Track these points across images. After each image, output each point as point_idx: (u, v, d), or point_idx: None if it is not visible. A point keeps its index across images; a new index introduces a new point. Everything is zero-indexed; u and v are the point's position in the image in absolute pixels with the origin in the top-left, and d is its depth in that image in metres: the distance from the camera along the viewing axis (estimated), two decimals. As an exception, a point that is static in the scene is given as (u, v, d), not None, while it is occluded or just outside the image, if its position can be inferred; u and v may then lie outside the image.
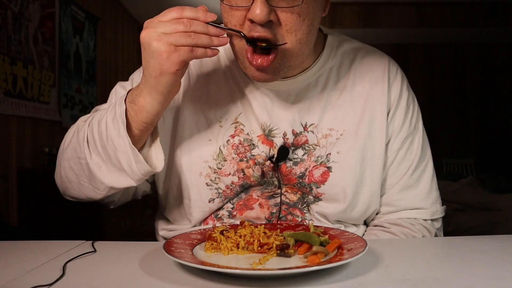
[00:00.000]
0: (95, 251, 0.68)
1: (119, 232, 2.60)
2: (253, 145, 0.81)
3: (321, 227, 0.71)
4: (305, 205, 0.82)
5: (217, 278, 0.53)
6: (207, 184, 0.82)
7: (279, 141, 0.81)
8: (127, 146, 0.71)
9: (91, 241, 0.73)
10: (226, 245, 0.62)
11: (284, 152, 0.80)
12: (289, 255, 0.60)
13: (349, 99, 0.83)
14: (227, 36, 0.71)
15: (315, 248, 0.58)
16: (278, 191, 0.82)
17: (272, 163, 0.80)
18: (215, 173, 0.81)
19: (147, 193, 0.91)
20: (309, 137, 0.81)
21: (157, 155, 0.76)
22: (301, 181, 0.80)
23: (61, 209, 2.35)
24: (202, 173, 0.81)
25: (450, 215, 2.39)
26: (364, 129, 0.82)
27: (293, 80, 0.81)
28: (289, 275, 0.53)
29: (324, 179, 0.80)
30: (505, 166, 4.78)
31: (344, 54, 0.86)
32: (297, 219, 0.82)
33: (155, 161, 0.76)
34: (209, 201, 0.82)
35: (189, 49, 0.65)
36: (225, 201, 0.83)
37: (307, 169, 0.80)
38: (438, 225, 0.86)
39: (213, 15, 0.67)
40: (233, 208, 0.83)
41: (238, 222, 0.80)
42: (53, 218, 2.40)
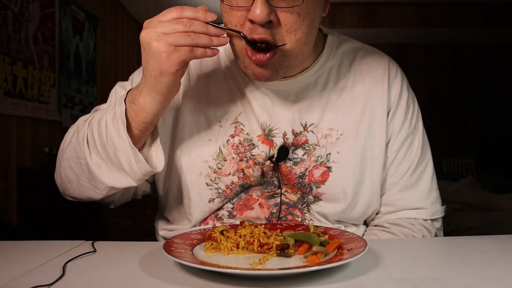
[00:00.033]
0: (95, 251, 0.68)
1: (119, 232, 2.60)
2: (253, 145, 0.81)
3: (321, 227, 0.71)
4: (305, 205, 0.82)
5: (217, 278, 0.53)
6: (207, 184, 0.82)
7: (279, 141, 0.81)
8: (127, 146, 0.71)
9: (91, 241, 0.73)
10: (226, 245, 0.62)
11: (284, 152, 0.80)
12: (289, 255, 0.60)
13: (349, 99, 0.83)
14: (227, 36, 0.71)
15: (315, 248, 0.58)
16: (278, 191, 0.82)
17: (272, 163, 0.80)
18: (215, 173, 0.81)
19: (147, 193, 0.91)
20: (309, 137, 0.81)
21: (157, 155, 0.76)
22: (301, 181, 0.80)
23: (61, 209, 2.35)
24: (202, 173, 0.81)
25: (450, 215, 2.39)
26: (364, 129, 0.82)
27: (293, 80, 0.81)
28: (289, 275, 0.53)
29: (324, 179, 0.80)
30: (505, 166, 4.79)
31: (344, 54, 0.86)
32: (297, 219, 0.82)
33: (155, 161, 0.76)
34: (209, 201, 0.82)
35: (189, 49, 0.65)
36: (225, 201, 0.83)
37: (307, 169, 0.80)
38: (438, 225, 0.86)
39: (213, 15, 0.67)
40: (233, 208, 0.83)
41: (238, 222, 0.80)
42: (53, 218, 2.40)
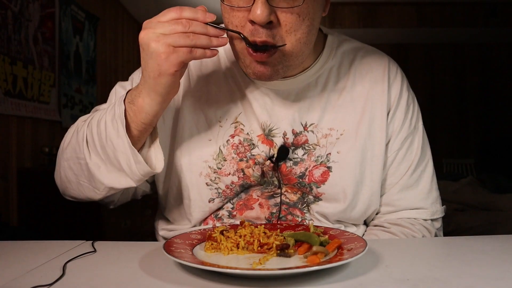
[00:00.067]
0: (95, 251, 0.68)
1: (119, 232, 2.59)
2: (253, 145, 0.81)
3: (321, 227, 0.71)
4: (305, 205, 0.82)
5: (217, 278, 0.53)
6: (207, 184, 0.82)
7: (279, 141, 0.81)
8: (127, 146, 0.71)
9: (91, 241, 0.73)
10: (226, 245, 0.62)
11: (284, 151, 0.80)
12: (289, 255, 0.60)
13: (349, 99, 0.83)
14: (227, 36, 0.71)
15: (315, 248, 0.58)
16: (278, 191, 0.82)
17: (272, 163, 0.80)
18: (215, 173, 0.81)
19: (147, 193, 0.91)
20: (309, 137, 0.81)
21: (157, 156, 0.76)
22: (301, 181, 0.80)
23: (61, 209, 2.35)
24: (202, 173, 0.81)
25: (450, 215, 2.39)
26: (364, 129, 0.82)
27: (293, 79, 0.81)
28: (289, 275, 0.53)
29: (324, 179, 0.80)
30: (505, 166, 4.79)
31: (344, 54, 0.86)
32: (297, 219, 0.82)
33: (154, 162, 0.75)
34: (209, 201, 0.82)
35: (188, 50, 0.65)
36: (225, 201, 0.83)
37: (307, 169, 0.80)
38: (438, 225, 0.86)
39: (212, 15, 0.67)
40: (233, 208, 0.83)
41: (238, 222, 0.80)
42: (53, 218, 2.40)
